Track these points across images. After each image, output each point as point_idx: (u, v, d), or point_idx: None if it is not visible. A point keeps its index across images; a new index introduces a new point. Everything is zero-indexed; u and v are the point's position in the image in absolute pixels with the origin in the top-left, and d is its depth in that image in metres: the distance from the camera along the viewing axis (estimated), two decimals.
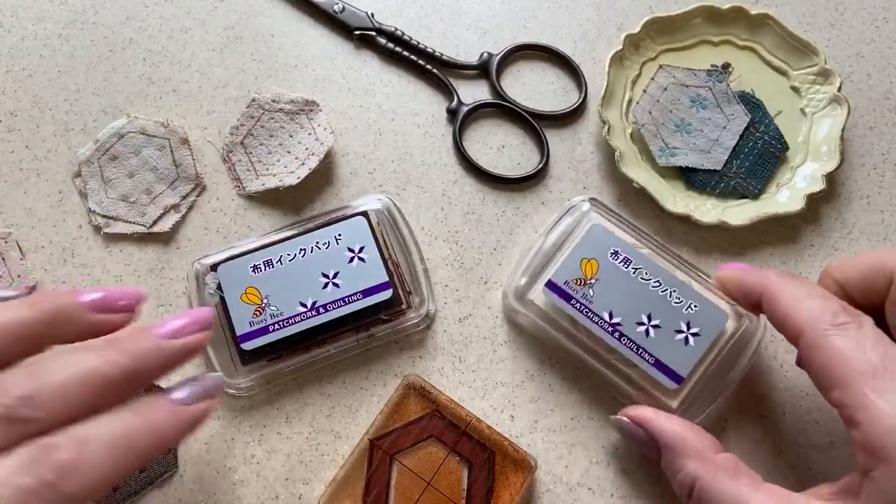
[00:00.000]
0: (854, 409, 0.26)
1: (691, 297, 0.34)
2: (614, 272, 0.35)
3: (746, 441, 0.36)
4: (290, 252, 0.35)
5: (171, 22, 0.42)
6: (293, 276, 0.35)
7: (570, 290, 0.35)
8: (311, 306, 0.34)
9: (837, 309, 0.28)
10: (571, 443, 0.36)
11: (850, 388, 0.26)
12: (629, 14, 0.44)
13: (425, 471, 0.33)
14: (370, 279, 0.35)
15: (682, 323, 0.34)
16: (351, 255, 0.35)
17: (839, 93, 0.40)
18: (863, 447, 0.26)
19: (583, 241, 0.35)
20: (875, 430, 0.25)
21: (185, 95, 0.41)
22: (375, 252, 0.35)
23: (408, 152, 0.41)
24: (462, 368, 0.37)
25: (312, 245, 0.35)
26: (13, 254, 0.37)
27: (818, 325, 0.28)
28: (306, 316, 0.34)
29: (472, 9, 0.44)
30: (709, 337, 0.34)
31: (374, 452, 0.33)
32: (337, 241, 0.36)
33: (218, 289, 0.35)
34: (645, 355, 0.34)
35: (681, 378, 0.33)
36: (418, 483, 0.33)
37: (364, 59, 0.43)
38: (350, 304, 0.35)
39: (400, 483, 0.33)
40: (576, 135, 0.41)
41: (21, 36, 0.42)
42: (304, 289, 0.35)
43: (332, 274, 0.35)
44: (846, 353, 0.27)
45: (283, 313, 0.34)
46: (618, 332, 0.34)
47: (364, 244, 0.36)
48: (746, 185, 0.39)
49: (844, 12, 0.44)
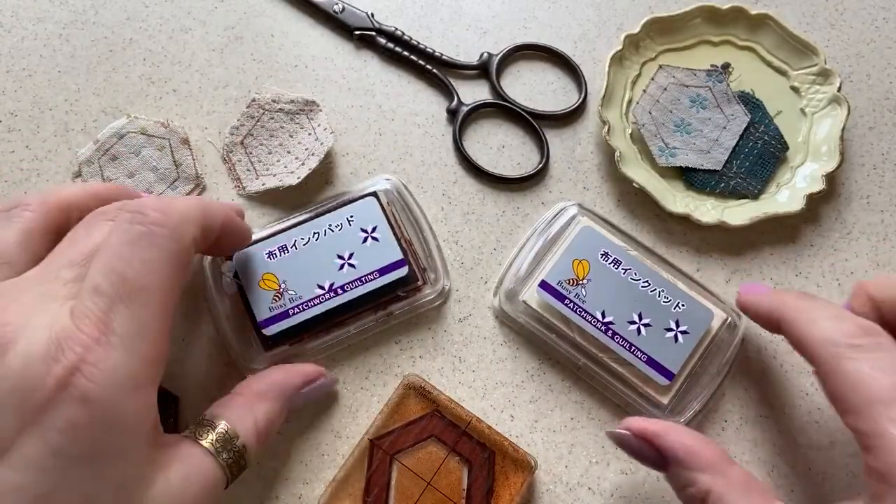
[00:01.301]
0: (869, 436, 0.26)
1: (678, 296, 0.35)
2: (605, 273, 0.35)
3: (746, 441, 0.36)
4: (303, 236, 0.36)
5: (172, 22, 0.43)
6: (309, 259, 0.35)
7: (563, 290, 0.35)
8: (329, 288, 0.35)
9: (853, 329, 0.28)
10: (571, 443, 0.36)
11: (865, 415, 0.26)
12: (629, 14, 0.44)
13: (425, 471, 0.33)
14: (385, 258, 0.35)
15: (671, 321, 0.35)
16: (364, 235, 0.36)
17: (839, 93, 0.40)
18: (876, 473, 0.25)
19: (574, 242, 0.36)
20: (890, 459, 0.25)
21: (185, 95, 0.41)
22: (388, 231, 0.36)
23: (408, 152, 0.41)
24: (462, 368, 0.37)
25: (325, 228, 0.36)
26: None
27: (832, 348, 0.27)
28: (325, 298, 0.35)
29: (472, 9, 0.44)
30: (696, 334, 0.35)
31: (374, 452, 0.33)
32: (349, 222, 0.36)
33: (235, 277, 0.35)
34: (638, 353, 0.34)
35: (672, 374, 0.34)
36: (418, 483, 0.33)
37: (364, 59, 0.43)
38: (367, 283, 0.35)
39: (400, 483, 0.33)
40: (576, 135, 0.41)
41: (21, 36, 0.42)
42: (321, 271, 0.35)
43: (348, 255, 0.35)
44: (860, 379, 0.26)
45: (302, 297, 0.35)
46: (611, 331, 0.35)
47: (376, 224, 0.36)
48: (746, 185, 0.39)
49: (844, 12, 0.44)
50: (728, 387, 0.37)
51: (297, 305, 0.35)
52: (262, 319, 0.34)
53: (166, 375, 0.32)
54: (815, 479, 0.35)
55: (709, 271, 0.39)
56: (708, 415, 0.36)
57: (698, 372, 0.35)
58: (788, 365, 0.37)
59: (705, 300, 0.36)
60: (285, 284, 0.35)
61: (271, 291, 0.35)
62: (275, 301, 0.35)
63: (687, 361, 0.35)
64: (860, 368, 0.27)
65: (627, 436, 0.31)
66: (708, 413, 0.36)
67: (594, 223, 0.37)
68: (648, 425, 0.30)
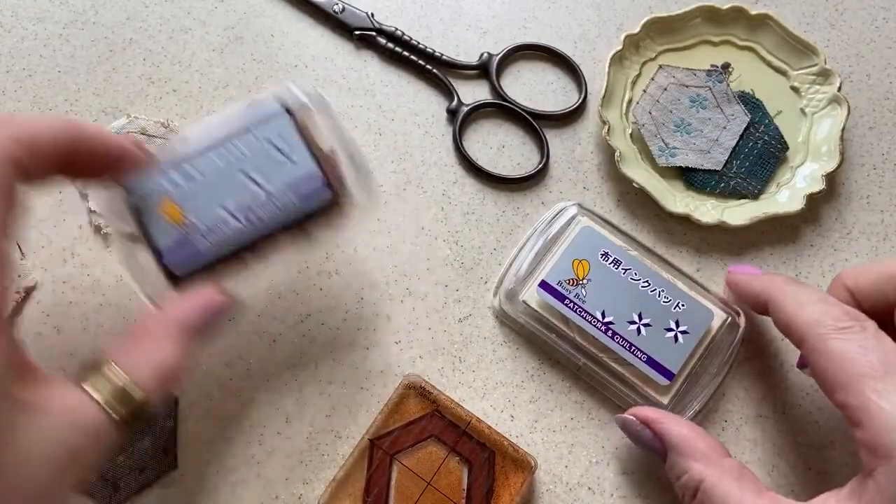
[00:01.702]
0: (856, 409, 0.27)
1: (678, 296, 0.35)
2: (605, 273, 0.35)
3: (746, 441, 0.36)
4: (208, 161, 0.32)
5: (172, 22, 0.43)
6: (215, 184, 0.31)
7: (563, 290, 0.35)
8: (240, 214, 0.31)
9: (840, 314, 0.29)
10: (571, 443, 0.36)
11: (852, 389, 0.27)
12: (629, 14, 0.44)
13: (425, 471, 0.33)
14: (299, 176, 0.32)
15: (671, 321, 0.35)
16: (277, 154, 0.32)
17: (839, 93, 0.40)
18: (866, 447, 0.26)
19: (573, 242, 0.36)
20: (877, 430, 0.26)
21: (185, 95, 0.41)
22: (303, 148, 0.32)
23: (408, 152, 0.41)
24: (462, 368, 0.37)
25: (234, 152, 0.32)
26: (13, 255, 0.37)
27: (820, 329, 0.29)
28: (235, 225, 0.31)
29: (472, 9, 0.44)
30: (696, 334, 0.35)
31: (374, 452, 0.33)
32: (258, 140, 0.32)
33: (133, 211, 0.31)
34: (638, 353, 0.34)
35: (672, 374, 0.34)
36: (418, 483, 0.33)
37: (364, 59, 0.43)
38: (280, 206, 0.31)
39: (400, 483, 0.33)
40: (576, 135, 0.41)
41: (21, 36, 0.42)
42: (229, 196, 0.31)
43: (259, 177, 0.32)
44: (847, 356, 0.27)
45: (209, 225, 0.31)
46: (611, 331, 0.35)
47: (290, 142, 0.32)
48: (746, 185, 0.39)
49: (844, 12, 0.44)
50: (728, 387, 0.37)
51: (203, 234, 0.31)
52: (166, 254, 0.31)
53: None
54: (815, 479, 0.35)
55: (709, 271, 0.39)
56: (708, 415, 0.36)
57: (698, 372, 0.35)
58: (788, 365, 0.37)
59: (705, 300, 0.36)
60: (190, 213, 0.31)
61: (174, 224, 0.31)
62: (179, 232, 0.31)
63: (687, 361, 0.35)
64: (847, 347, 0.28)
65: (631, 420, 0.33)
66: (708, 413, 0.36)
67: (594, 223, 0.37)
68: (650, 413, 0.33)
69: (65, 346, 0.36)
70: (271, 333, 0.37)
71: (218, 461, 0.35)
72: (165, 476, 0.34)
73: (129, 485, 0.34)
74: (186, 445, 0.35)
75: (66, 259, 0.38)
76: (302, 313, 0.37)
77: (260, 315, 0.37)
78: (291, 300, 0.38)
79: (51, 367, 0.36)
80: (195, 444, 0.35)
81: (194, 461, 0.35)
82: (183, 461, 0.35)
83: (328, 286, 0.38)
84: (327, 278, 0.38)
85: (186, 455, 0.35)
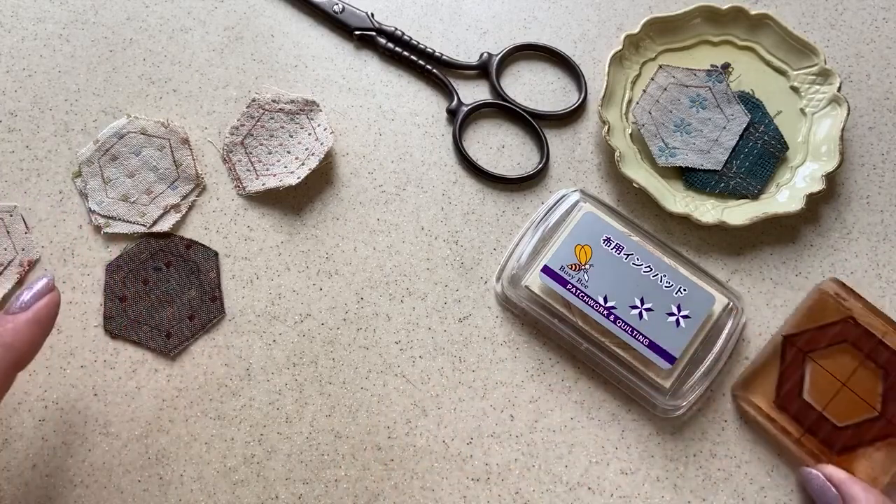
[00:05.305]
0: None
1: (680, 281, 0.35)
2: (607, 258, 0.36)
3: (746, 441, 0.36)
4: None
5: (172, 22, 0.43)
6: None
7: (565, 274, 0.35)
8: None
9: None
10: (571, 443, 0.36)
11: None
12: (629, 14, 0.44)
13: (839, 372, 0.34)
14: None
15: (673, 306, 0.35)
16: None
17: (839, 93, 0.40)
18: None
19: (576, 228, 0.36)
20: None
21: (185, 95, 0.41)
22: None
23: (408, 152, 0.41)
24: (462, 368, 0.37)
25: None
26: (18, 227, 0.38)
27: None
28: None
29: (472, 9, 0.44)
30: (698, 319, 0.35)
31: (788, 349, 0.35)
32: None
33: None
34: (639, 337, 0.35)
35: (673, 358, 0.34)
36: (832, 382, 0.34)
37: (364, 60, 0.43)
38: None
39: (814, 380, 0.34)
40: (576, 135, 0.41)
41: (21, 36, 0.42)
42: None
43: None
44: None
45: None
46: (613, 315, 0.35)
47: None
48: (746, 185, 0.39)
49: (844, 12, 0.44)
50: (728, 385, 0.37)
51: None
52: None
53: None
54: None
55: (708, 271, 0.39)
56: (708, 414, 0.36)
57: (700, 356, 0.35)
58: None
59: (707, 285, 0.36)
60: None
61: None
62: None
63: (689, 346, 0.35)
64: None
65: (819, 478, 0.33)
66: (708, 412, 0.36)
67: (596, 209, 0.37)
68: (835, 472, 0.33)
69: (65, 345, 0.36)
70: (271, 333, 0.37)
71: (218, 461, 0.35)
72: (213, 322, 0.37)
73: (181, 332, 0.37)
74: (187, 446, 0.35)
75: (66, 259, 0.38)
76: (302, 313, 0.37)
77: (260, 315, 0.37)
78: (291, 300, 0.38)
79: (51, 366, 0.36)
80: (195, 444, 0.35)
81: (194, 461, 0.35)
82: (182, 459, 0.35)
83: (328, 286, 0.38)
84: (327, 278, 0.38)
85: (186, 455, 0.35)
